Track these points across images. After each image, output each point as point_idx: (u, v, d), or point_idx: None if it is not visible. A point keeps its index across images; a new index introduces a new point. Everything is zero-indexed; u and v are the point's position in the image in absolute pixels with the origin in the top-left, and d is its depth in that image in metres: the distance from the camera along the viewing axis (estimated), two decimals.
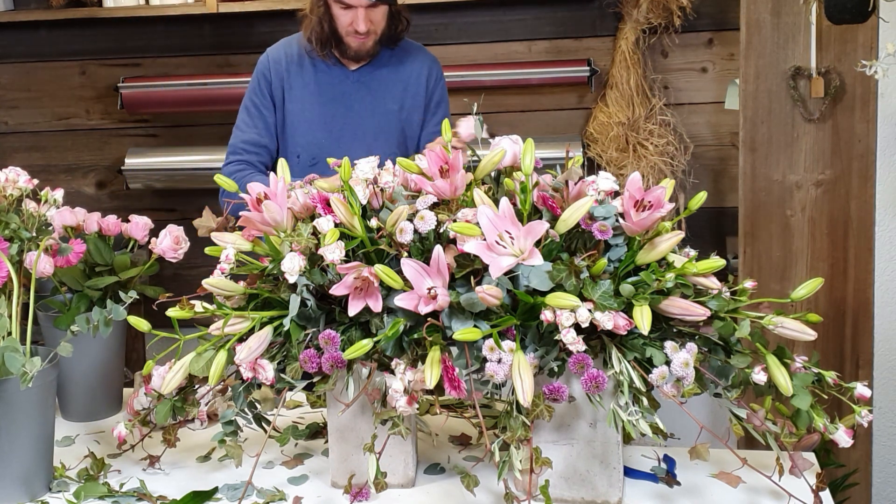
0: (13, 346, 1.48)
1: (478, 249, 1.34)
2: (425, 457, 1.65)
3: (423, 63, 2.59)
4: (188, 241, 1.86)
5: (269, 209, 1.48)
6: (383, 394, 1.44)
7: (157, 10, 3.52)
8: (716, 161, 3.56)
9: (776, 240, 2.89)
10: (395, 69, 2.56)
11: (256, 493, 1.55)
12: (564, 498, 1.49)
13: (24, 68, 3.77)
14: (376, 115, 2.54)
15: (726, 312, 1.41)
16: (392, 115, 2.55)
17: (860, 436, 2.87)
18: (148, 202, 3.76)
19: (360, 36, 2.44)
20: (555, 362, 1.39)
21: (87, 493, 1.54)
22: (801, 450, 1.43)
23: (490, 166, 1.51)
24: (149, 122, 3.77)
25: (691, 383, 1.37)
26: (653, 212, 1.35)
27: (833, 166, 2.83)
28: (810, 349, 1.65)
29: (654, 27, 3.41)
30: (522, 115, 3.58)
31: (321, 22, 2.48)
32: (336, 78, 2.55)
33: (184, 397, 1.58)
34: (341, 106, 2.53)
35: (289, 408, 1.87)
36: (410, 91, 2.56)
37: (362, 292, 1.41)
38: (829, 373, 1.43)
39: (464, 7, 3.54)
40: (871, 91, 2.78)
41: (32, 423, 1.52)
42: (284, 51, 2.58)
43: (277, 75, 2.55)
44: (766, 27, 2.81)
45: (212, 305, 1.50)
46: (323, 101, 2.54)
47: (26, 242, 1.66)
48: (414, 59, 2.59)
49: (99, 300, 1.83)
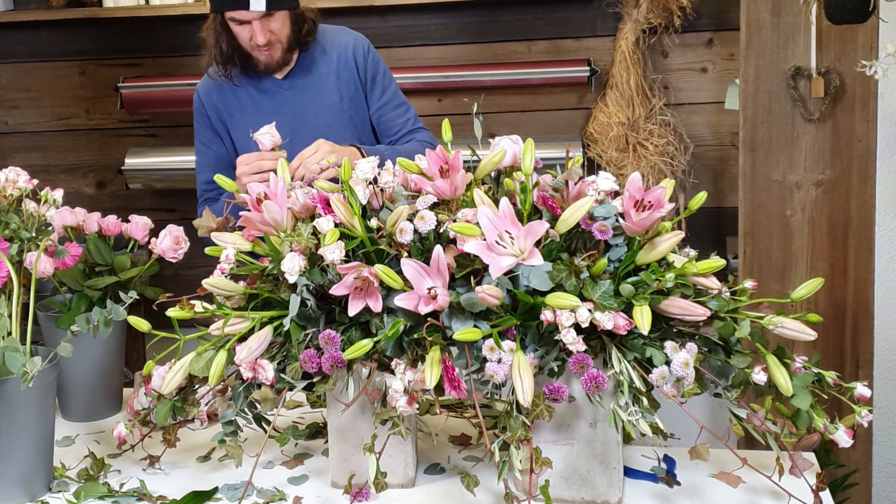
0: (13, 346, 1.48)
1: (478, 249, 1.34)
2: (425, 457, 1.65)
3: (347, 46, 2.50)
4: (188, 241, 1.86)
5: (269, 209, 1.48)
6: (383, 394, 1.44)
7: (157, 10, 3.52)
8: (716, 161, 3.56)
9: (776, 240, 2.89)
10: (323, 62, 2.49)
11: (256, 493, 1.55)
12: (564, 498, 1.49)
13: (24, 68, 3.77)
14: (320, 113, 2.48)
15: (726, 312, 1.41)
16: (335, 107, 2.48)
17: (860, 436, 2.87)
18: (148, 202, 3.76)
19: (264, 48, 2.37)
20: (555, 362, 1.39)
21: (87, 493, 1.55)
22: (801, 450, 1.43)
23: (490, 166, 1.51)
24: (149, 122, 3.77)
25: (691, 383, 1.37)
26: (653, 212, 1.35)
27: (833, 166, 2.83)
28: (810, 349, 1.65)
29: (654, 27, 3.41)
30: (522, 115, 3.58)
31: (218, 43, 2.41)
32: (269, 91, 2.49)
33: (184, 397, 1.58)
34: (284, 115, 2.45)
35: (289, 408, 1.87)
36: (343, 77, 2.48)
37: (362, 292, 1.41)
38: (829, 373, 1.43)
39: (464, 7, 3.54)
40: (871, 91, 2.78)
41: (32, 423, 1.52)
42: (212, 82, 2.52)
43: (213, 108, 2.51)
44: (766, 27, 2.81)
45: (212, 305, 1.50)
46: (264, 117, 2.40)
47: (26, 242, 1.66)
48: (336, 45, 2.50)
49: (99, 300, 1.83)
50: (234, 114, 2.51)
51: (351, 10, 3.49)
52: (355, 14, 3.50)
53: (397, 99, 2.54)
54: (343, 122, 2.49)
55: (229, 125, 2.52)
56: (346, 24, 2.59)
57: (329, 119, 2.48)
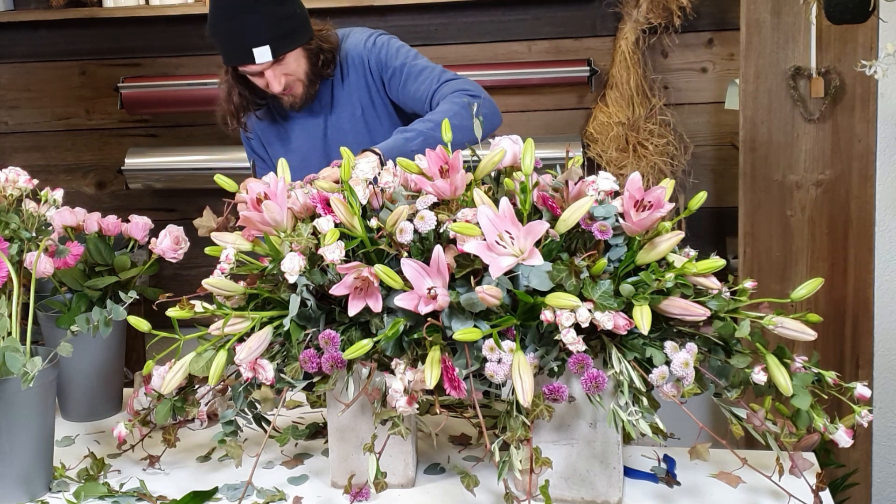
0: (13, 346, 1.48)
1: (478, 249, 1.34)
2: (425, 457, 1.65)
3: (358, 56, 2.38)
4: (188, 241, 1.86)
5: (269, 209, 1.48)
6: (383, 394, 1.44)
7: (157, 10, 3.52)
8: (716, 161, 3.56)
9: (776, 240, 2.89)
10: (336, 78, 2.41)
11: (256, 493, 1.55)
12: (564, 498, 1.49)
13: (24, 68, 3.77)
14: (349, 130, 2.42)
15: (726, 312, 1.41)
16: (358, 119, 2.42)
17: (860, 436, 2.87)
18: (148, 202, 3.76)
19: (285, 91, 2.32)
20: (555, 362, 1.39)
21: (87, 493, 1.54)
22: (801, 450, 1.43)
23: (490, 166, 1.50)
24: (149, 122, 3.77)
25: (691, 383, 1.37)
26: (653, 212, 1.35)
27: (833, 166, 2.83)
28: (810, 349, 1.65)
29: (654, 27, 3.41)
30: (522, 115, 3.58)
31: (230, 97, 2.37)
32: (298, 118, 2.44)
33: (184, 397, 1.58)
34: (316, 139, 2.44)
35: (289, 408, 1.87)
36: (363, 87, 2.40)
37: (362, 292, 1.41)
38: (829, 373, 1.43)
39: (464, 7, 3.54)
40: (871, 91, 2.78)
41: (32, 423, 1.52)
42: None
43: (254, 131, 2.50)
44: (766, 27, 2.81)
45: (212, 305, 1.50)
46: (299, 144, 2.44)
47: (26, 242, 1.66)
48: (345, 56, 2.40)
49: (99, 300, 1.83)
50: (273, 143, 2.50)
51: (351, 10, 3.49)
52: (355, 14, 3.50)
53: (415, 70, 2.34)
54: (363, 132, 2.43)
55: (270, 151, 2.51)
56: (346, 23, 2.57)
57: (357, 133, 2.42)
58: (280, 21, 2.25)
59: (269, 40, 2.22)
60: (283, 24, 2.26)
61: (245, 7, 2.22)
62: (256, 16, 2.22)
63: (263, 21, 2.23)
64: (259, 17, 2.22)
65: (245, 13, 2.22)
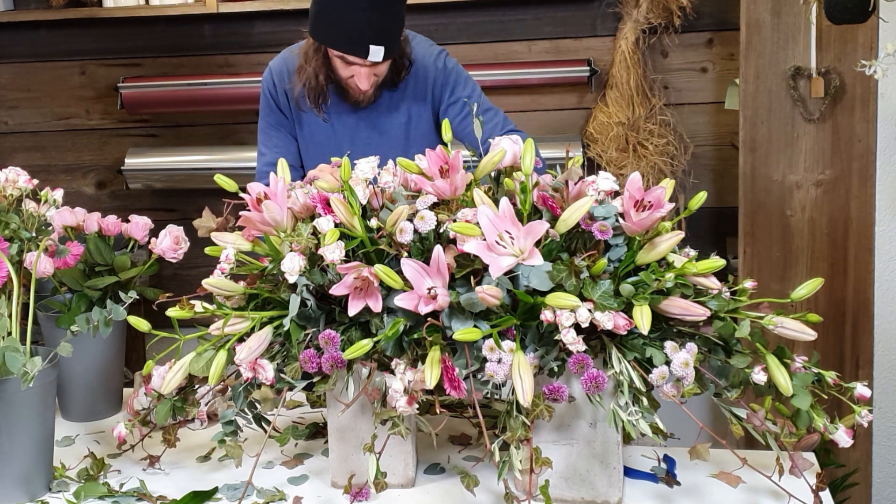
0: (13, 346, 1.48)
1: (478, 249, 1.34)
2: (425, 457, 1.65)
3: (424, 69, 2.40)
4: (188, 241, 1.86)
5: (269, 209, 1.48)
6: (383, 394, 1.44)
7: (157, 10, 3.52)
8: (716, 161, 3.56)
9: (776, 240, 2.89)
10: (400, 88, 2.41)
11: (256, 493, 1.55)
12: (564, 498, 1.49)
13: (24, 68, 3.77)
14: (390, 132, 2.42)
15: (726, 312, 1.41)
16: (402, 127, 2.41)
17: (860, 436, 2.87)
18: (148, 202, 3.76)
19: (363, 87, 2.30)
20: (555, 362, 1.39)
21: (87, 493, 1.55)
22: (801, 450, 1.43)
23: (490, 166, 1.51)
24: (149, 122, 3.77)
25: (691, 383, 1.37)
26: (653, 212, 1.35)
27: (833, 166, 2.83)
28: (810, 349, 1.65)
29: (654, 27, 3.40)
30: (522, 115, 3.57)
31: (316, 74, 2.34)
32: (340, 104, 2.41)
33: (184, 397, 1.58)
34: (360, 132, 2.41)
35: (289, 408, 1.87)
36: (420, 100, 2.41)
37: (362, 292, 1.41)
38: (829, 373, 1.43)
39: (464, 7, 3.53)
40: (871, 91, 2.78)
41: (32, 423, 1.52)
42: (287, 66, 2.43)
43: (285, 94, 2.43)
44: (766, 27, 2.81)
45: (212, 305, 1.50)
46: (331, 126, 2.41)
47: (26, 242, 1.67)
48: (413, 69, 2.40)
49: (99, 300, 1.83)
50: (303, 106, 2.42)
51: None
52: None
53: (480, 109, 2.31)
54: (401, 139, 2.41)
55: (296, 117, 2.45)
56: None
57: (393, 139, 2.41)
58: (400, 27, 2.29)
59: (386, 42, 2.24)
60: (399, 30, 2.29)
61: (378, 5, 2.22)
62: (387, 17, 2.23)
63: (390, 23, 2.25)
64: (388, 19, 2.24)
65: (376, 10, 2.22)
